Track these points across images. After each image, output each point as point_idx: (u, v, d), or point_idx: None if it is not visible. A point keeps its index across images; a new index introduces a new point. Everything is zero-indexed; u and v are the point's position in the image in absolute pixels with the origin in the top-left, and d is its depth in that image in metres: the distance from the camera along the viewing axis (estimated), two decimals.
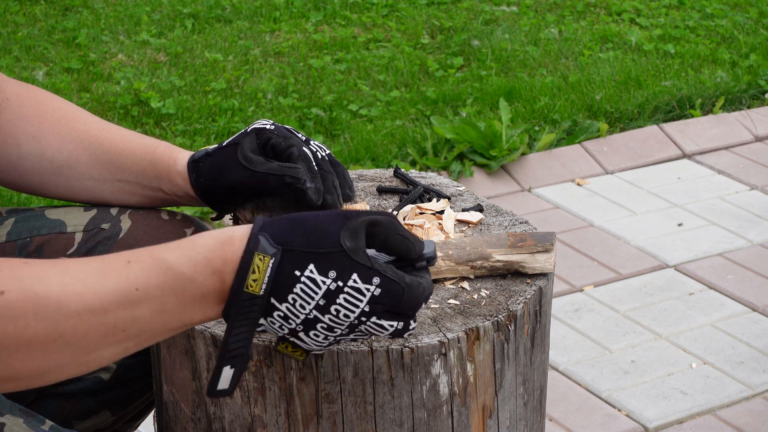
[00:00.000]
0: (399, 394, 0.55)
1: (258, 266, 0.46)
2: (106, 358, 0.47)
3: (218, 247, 0.47)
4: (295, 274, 0.47)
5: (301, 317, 0.47)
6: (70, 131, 0.62)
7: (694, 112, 1.88)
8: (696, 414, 1.19)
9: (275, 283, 0.47)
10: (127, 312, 0.45)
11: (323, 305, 0.47)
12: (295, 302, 0.47)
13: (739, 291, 1.41)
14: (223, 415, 0.57)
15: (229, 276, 0.47)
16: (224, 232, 0.48)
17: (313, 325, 0.48)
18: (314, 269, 0.47)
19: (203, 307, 0.47)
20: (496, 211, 0.67)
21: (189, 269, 0.46)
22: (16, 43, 2.05)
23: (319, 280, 0.47)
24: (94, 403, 0.67)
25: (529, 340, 0.59)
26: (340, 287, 0.47)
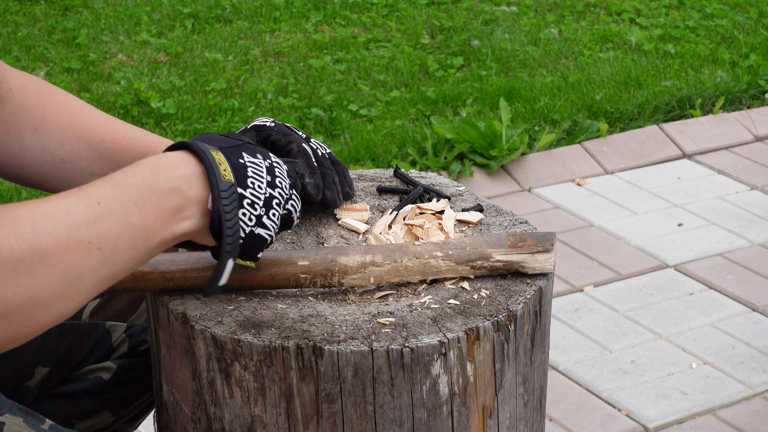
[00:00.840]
0: (399, 394, 0.55)
1: (219, 160, 0.51)
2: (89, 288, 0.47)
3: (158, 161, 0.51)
4: (240, 162, 0.52)
5: (262, 198, 0.52)
6: (73, 125, 0.62)
7: (694, 112, 1.88)
8: (696, 414, 1.19)
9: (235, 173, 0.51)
10: (97, 226, 0.47)
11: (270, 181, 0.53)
12: (254, 184, 0.52)
13: (739, 291, 1.41)
14: (223, 415, 0.57)
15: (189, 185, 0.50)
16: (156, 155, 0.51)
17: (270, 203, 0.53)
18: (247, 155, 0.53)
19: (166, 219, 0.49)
20: (496, 211, 0.67)
21: (140, 179, 0.49)
22: (16, 43, 2.05)
23: (257, 161, 0.53)
24: (95, 403, 0.67)
25: (529, 340, 0.59)
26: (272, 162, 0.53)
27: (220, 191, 0.50)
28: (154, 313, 0.60)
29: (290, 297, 0.59)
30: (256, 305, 0.58)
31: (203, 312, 0.57)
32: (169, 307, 0.58)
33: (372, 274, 0.59)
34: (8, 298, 0.44)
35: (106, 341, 0.67)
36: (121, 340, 0.67)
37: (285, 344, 0.54)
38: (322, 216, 0.65)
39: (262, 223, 0.52)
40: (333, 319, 0.57)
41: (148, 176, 0.49)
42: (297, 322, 0.56)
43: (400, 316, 0.57)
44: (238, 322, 0.56)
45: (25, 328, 0.45)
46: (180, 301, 0.58)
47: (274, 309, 0.57)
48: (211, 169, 0.50)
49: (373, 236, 0.63)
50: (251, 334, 0.55)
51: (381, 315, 0.57)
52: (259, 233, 0.52)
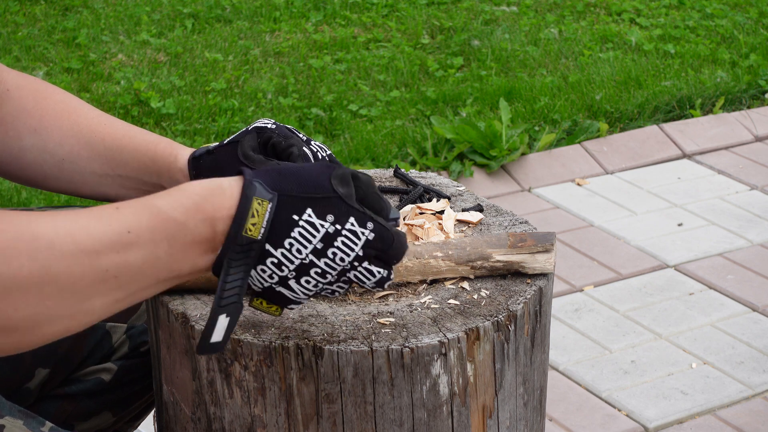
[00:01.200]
0: (399, 394, 0.55)
1: (257, 210, 0.47)
2: (97, 310, 0.46)
3: (208, 194, 0.47)
4: (293, 218, 0.47)
5: (296, 263, 0.48)
6: (72, 125, 0.62)
7: (694, 112, 1.88)
8: (696, 414, 1.19)
9: (272, 228, 0.47)
10: (119, 256, 0.45)
11: (320, 249, 0.48)
12: (291, 247, 0.47)
13: (739, 291, 1.41)
14: (223, 415, 0.57)
15: (221, 223, 0.47)
16: (213, 180, 0.48)
17: (307, 270, 0.48)
18: (312, 213, 0.47)
19: (193, 255, 0.47)
20: (496, 211, 0.66)
21: (180, 214, 0.46)
22: (16, 43, 2.05)
23: (318, 224, 0.47)
24: (95, 404, 0.67)
25: (529, 340, 0.59)
26: (338, 230, 0.47)
27: (233, 244, 0.46)
28: (154, 314, 0.60)
29: None
30: None
31: (203, 312, 0.57)
32: (169, 307, 0.57)
33: None
34: (10, 314, 0.43)
35: (107, 342, 0.67)
36: (122, 341, 0.67)
37: (285, 344, 0.54)
38: None
39: (287, 285, 0.48)
40: (333, 319, 0.57)
41: (190, 209, 0.46)
42: (297, 322, 0.56)
43: (400, 316, 0.57)
44: (238, 322, 0.56)
45: (26, 341, 0.45)
46: (180, 301, 0.58)
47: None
48: (238, 220, 0.46)
49: None
50: (251, 334, 0.55)
51: (381, 315, 0.57)
52: (280, 291, 0.49)
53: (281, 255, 0.47)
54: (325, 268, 0.48)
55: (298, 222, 0.47)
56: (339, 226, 0.48)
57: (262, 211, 0.47)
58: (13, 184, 1.62)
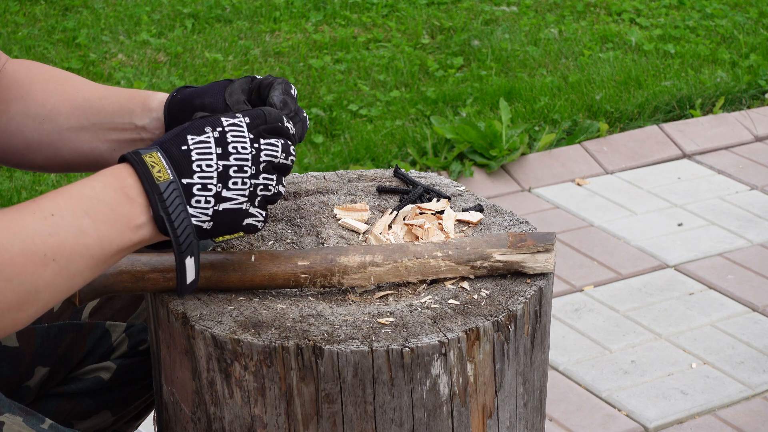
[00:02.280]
0: (399, 394, 0.55)
1: (152, 162, 0.51)
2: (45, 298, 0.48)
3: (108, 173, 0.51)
4: (183, 149, 0.52)
5: (214, 174, 0.52)
6: (56, 86, 0.63)
7: (694, 112, 1.88)
8: (696, 414, 1.19)
9: (176, 166, 0.51)
10: (51, 238, 0.48)
11: (222, 152, 0.52)
12: (201, 167, 0.51)
13: (739, 291, 1.41)
14: (223, 415, 0.57)
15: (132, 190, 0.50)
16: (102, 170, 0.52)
17: (227, 173, 0.52)
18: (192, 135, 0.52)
19: (119, 227, 0.50)
20: (496, 211, 0.66)
21: (90, 189, 0.50)
22: (16, 43, 2.05)
23: (203, 138, 0.52)
24: (94, 403, 0.67)
25: (529, 340, 0.59)
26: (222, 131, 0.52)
27: (157, 195, 0.50)
28: (154, 313, 0.60)
29: (290, 297, 0.59)
30: (256, 305, 0.58)
31: (203, 312, 0.57)
32: (169, 307, 0.58)
33: (372, 274, 0.58)
34: None
35: (106, 341, 0.67)
36: (121, 340, 0.67)
37: (285, 344, 0.54)
38: (321, 216, 0.65)
39: (222, 198, 0.52)
40: (333, 319, 0.57)
41: (97, 187, 0.50)
42: (297, 322, 0.56)
43: (400, 316, 0.57)
44: (238, 322, 0.56)
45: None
46: (180, 301, 0.58)
47: (274, 309, 0.57)
48: (144, 176, 0.50)
49: (373, 236, 0.63)
50: (251, 334, 0.55)
51: (381, 315, 0.57)
52: (224, 208, 0.52)
53: (198, 179, 0.51)
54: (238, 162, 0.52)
55: (190, 147, 0.52)
56: (219, 128, 0.53)
57: (157, 160, 0.51)
58: (12, 183, 1.63)
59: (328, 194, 0.68)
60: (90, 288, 0.57)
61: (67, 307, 0.66)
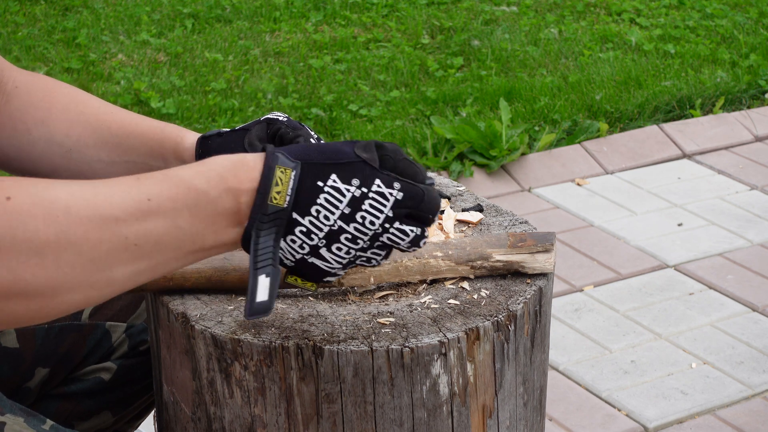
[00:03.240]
0: (399, 394, 0.54)
1: (280, 178, 0.46)
2: (118, 280, 0.44)
3: (231, 166, 0.46)
4: (318, 185, 0.47)
5: (324, 230, 0.47)
6: (78, 115, 0.62)
7: (694, 112, 1.88)
8: (696, 414, 1.18)
9: (297, 197, 0.47)
10: (140, 224, 0.44)
11: (348, 214, 0.47)
12: (318, 214, 0.47)
13: (739, 291, 1.41)
14: (223, 414, 0.57)
15: (245, 195, 0.46)
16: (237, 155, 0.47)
17: (337, 237, 0.47)
18: (337, 178, 0.47)
19: (216, 227, 0.46)
20: (496, 211, 0.66)
21: (202, 183, 0.45)
22: (16, 43, 2.05)
23: (343, 188, 0.47)
24: (95, 403, 0.67)
25: (529, 340, 0.58)
26: (365, 193, 0.47)
27: (260, 214, 0.46)
28: (154, 313, 0.60)
29: (290, 297, 0.58)
30: None
31: (203, 312, 0.57)
32: (169, 307, 0.57)
33: (372, 274, 0.58)
34: (27, 278, 0.42)
35: (106, 341, 0.67)
36: (121, 340, 0.67)
37: (285, 344, 0.54)
38: None
39: (319, 255, 0.48)
40: (333, 319, 0.56)
41: (212, 179, 0.45)
42: (297, 322, 0.56)
43: (400, 316, 0.57)
44: (238, 322, 0.56)
45: (46, 309, 0.43)
46: (180, 301, 0.58)
47: (274, 309, 0.57)
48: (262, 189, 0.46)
49: None
50: (251, 334, 0.55)
51: (381, 315, 0.57)
52: (313, 262, 0.48)
53: (309, 223, 0.47)
54: (356, 233, 0.47)
55: (323, 188, 0.47)
56: (365, 189, 0.47)
57: (285, 179, 0.46)
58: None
59: None
60: None
61: None
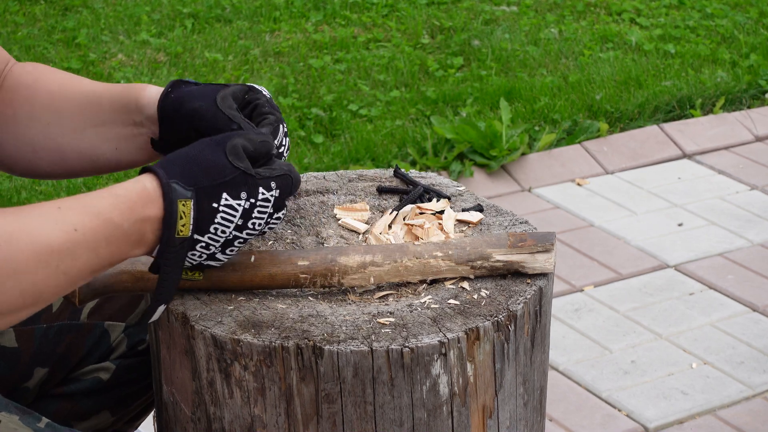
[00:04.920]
0: (399, 395, 0.55)
1: (183, 212, 0.52)
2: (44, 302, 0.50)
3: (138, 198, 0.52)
4: (213, 206, 0.52)
5: (221, 241, 0.53)
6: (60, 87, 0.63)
7: (695, 112, 1.88)
8: (696, 414, 1.19)
9: (198, 223, 0.52)
10: (69, 255, 0.49)
11: (241, 224, 0.53)
12: (216, 231, 0.52)
13: (740, 291, 1.41)
14: (223, 415, 0.57)
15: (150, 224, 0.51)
16: (137, 181, 0.52)
17: (232, 243, 0.53)
18: (228, 196, 0.52)
19: (126, 250, 0.52)
20: (496, 211, 0.66)
21: (117, 216, 0.51)
22: (16, 43, 2.05)
23: (235, 204, 0.52)
24: (94, 403, 0.67)
25: (529, 340, 0.58)
26: (253, 203, 0.53)
27: (168, 247, 0.52)
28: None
29: (290, 297, 0.59)
30: (255, 305, 0.58)
31: (203, 312, 0.57)
32: (168, 307, 0.57)
33: (372, 274, 0.58)
34: None
35: (105, 341, 0.67)
36: (120, 340, 0.67)
37: (285, 344, 0.54)
38: (321, 216, 0.65)
39: (214, 257, 0.54)
40: (333, 319, 0.57)
41: (124, 212, 0.51)
42: (297, 322, 0.56)
43: (400, 316, 0.57)
44: (238, 322, 0.56)
45: None
46: (179, 301, 0.58)
47: (274, 309, 0.57)
48: (169, 224, 0.51)
49: (373, 236, 0.63)
50: (251, 334, 0.55)
51: (381, 315, 0.57)
52: (209, 263, 0.54)
53: (208, 239, 0.53)
54: (247, 236, 0.53)
55: (218, 209, 0.52)
56: (252, 199, 0.53)
57: (187, 212, 0.52)
58: (12, 183, 1.62)
59: (328, 194, 0.68)
60: (89, 288, 0.57)
61: (66, 307, 0.66)
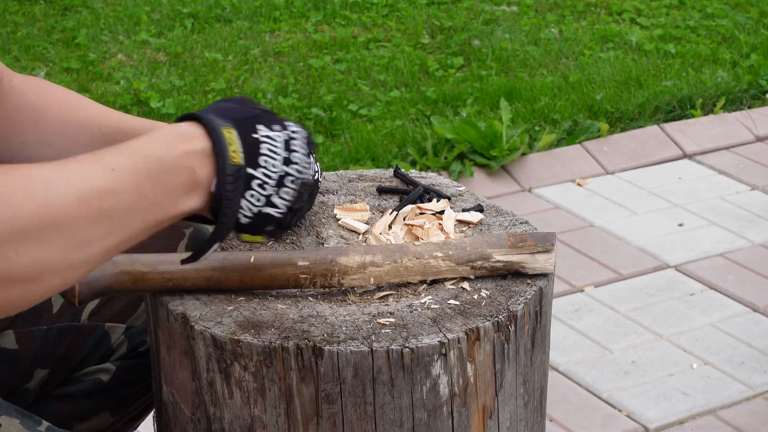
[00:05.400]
0: (399, 395, 0.55)
1: (230, 139, 0.49)
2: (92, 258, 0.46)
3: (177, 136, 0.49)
4: (254, 137, 0.50)
5: (275, 177, 0.50)
6: (71, 115, 0.62)
7: (695, 112, 1.88)
8: (697, 414, 1.18)
9: (247, 152, 0.49)
10: (109, 194, 0.46)
11: (287, 157, 0.51)
12: (267, 163, 0.50)
13: (740, 291, 1.41)
14: (222, 415, 0.57)
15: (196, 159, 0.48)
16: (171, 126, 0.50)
17: (283, 181, 0.51)
18: (263, 127, 0.50)
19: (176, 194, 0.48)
20: (496, 211, 0.66)
21: (156, 150, 0.48)
22: (16, 42, 2.05)
23: (273, 135, 0.50)
24: (94, 404, 0.67)
25: (529, 341, 0.58)
26: (289, 135, 0.51)
27: (226, 175, 0.48)
28: (154, 314, 0.60)
29: (290, 297, 0.59)
30: (255, 306, 0.58)
31: (203, 312, 0.57)
32: (168, 307, 0.57)
33: (372, 275, 0.58)
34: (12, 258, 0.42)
35: (105, 342, 0.67)
36: (120, 341, 0.67)
37: (285, 344, 0.54)
38: (321, 216, 0.65)
39: (272, 203, 0.51)
40: (333, 319, 0.56)
41: (163, 148, 0.48)
42: (297, 323, 0.56)
43: (400, 317, 0.57)
44: (238, 322, 0.56)
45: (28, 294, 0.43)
46: (179, 301, 0.58)
47: (274, 309, 0.57)
48: (221, 151, 0.48)
49: (373, 236, 0.63)
50: (251, 334, 0.55)
51: (381, 315, 0.57)
52: (267, 212, 0.51)
53: (262, 174, 0.50)
54: (295, 174, 0.51)
55: (259, 138, 0.50)
56: (286, 131, 0.51)
57: (233, 138, 0.49)
58: None
59: (328, 194, 0.67)
60: (90, 289, 0.57)
61: (66, 308, 0.66)
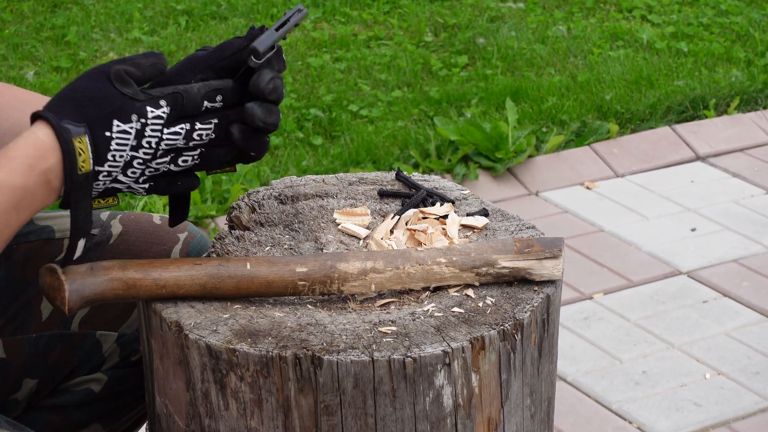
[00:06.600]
0: (401, 406, 0.54)
1: (81, 149, 0.53)
2: None
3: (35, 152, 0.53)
4: (107, 135, 0.54)
5: (120, 164, 0.55)
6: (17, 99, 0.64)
7: (708, 113, 1.86)
8: (710, 426, 1.17)
9: (96, 153, 0.54)
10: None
11: (136, 145, 0.55)
12: (114, 157, 0.54)
13: (755, 298, 1.39)
14: (218, 427, 0.56)
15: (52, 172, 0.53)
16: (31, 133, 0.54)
17: (130, 164, 0.55)
18: (119, 122, 0.54)
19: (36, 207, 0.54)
20: (502, 215, 0.65)
21: (20, 179, 0.53)
22: (3, 41, 2.04)
23: (127, 128, 0.54)
24: (85, 416, 0.66)
25: (536, 350, 0.57)
26: (144, 123, 0.54)
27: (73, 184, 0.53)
28: (147, 322, 0.59)
29: (288, 305, 0.58)
30: (252, 314, 0.57)
31: (197, 321, 0.56)
32: (162, 315, 0.57)
33: (373, 281, 0.58)
34: None
35: (97, 352, 0.66)
36: (112, 351, 0.66)
37: (282, 354, 0.53)
38: (321, 221, 0.64)
39: (117, 180, 0.55)
40: (332, 327, 0.56)
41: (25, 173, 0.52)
42: (295, 331, 0.55)
43: (402, 325, 0.56)
44: (234, 331, 0.55)
45: None
46: (173, 309, 0.57)
47: (272, 317, 0.57)
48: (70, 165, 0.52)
49: (375, 242, 0.62)
50: (247, 343, 0.54)
51: (382, 323, 0.56)
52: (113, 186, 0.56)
53: (108, 167, 0.55)
54: (144, 156, 0.55)
55: (112, 136, 0.54)
56: (143, 119, 0.54)
57: (85, 148, 0.53)
58: None
59: (328, 198, 0.67)
60: (80, 296, 0.56)
61: (56, 316, 0.65)
